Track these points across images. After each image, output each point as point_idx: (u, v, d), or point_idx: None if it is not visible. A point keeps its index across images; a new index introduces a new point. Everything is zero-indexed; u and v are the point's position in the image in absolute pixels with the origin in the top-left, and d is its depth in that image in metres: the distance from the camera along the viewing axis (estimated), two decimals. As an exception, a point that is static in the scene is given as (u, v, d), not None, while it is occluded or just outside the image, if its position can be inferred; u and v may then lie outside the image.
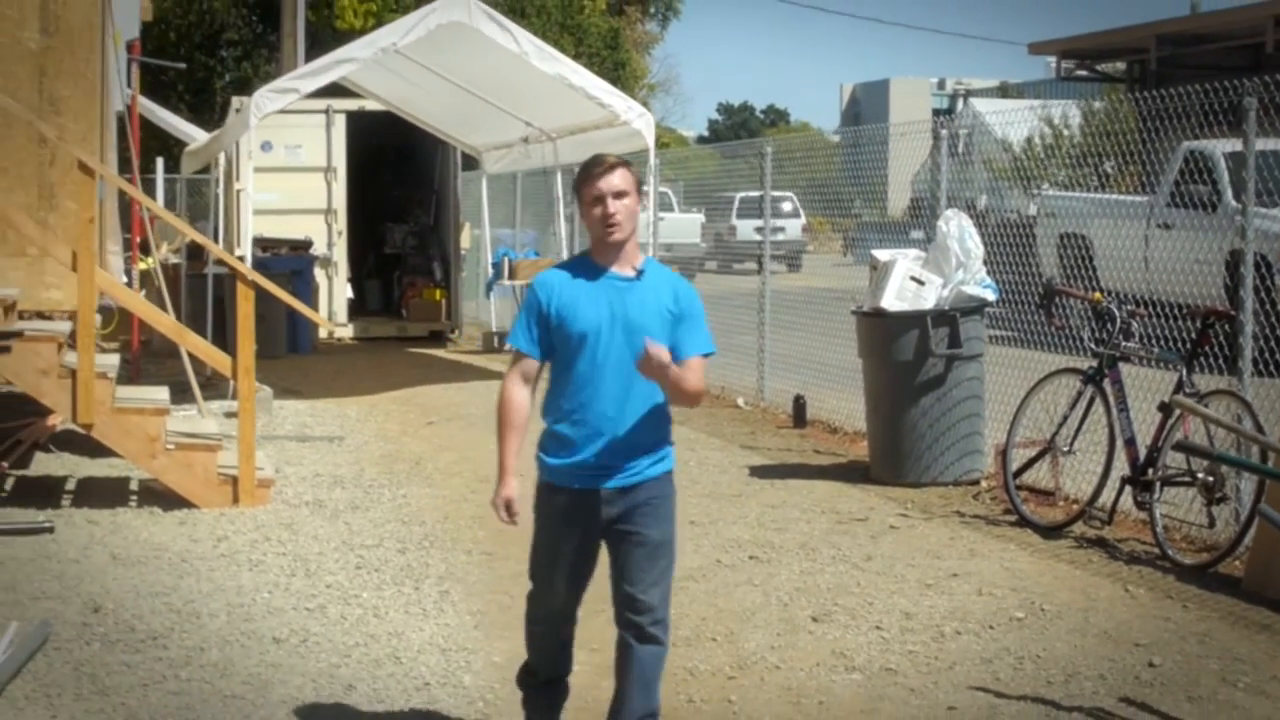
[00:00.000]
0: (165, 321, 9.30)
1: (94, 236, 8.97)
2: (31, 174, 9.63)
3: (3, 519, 8.57)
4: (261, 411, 11.16)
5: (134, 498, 9.41)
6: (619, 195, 4.79)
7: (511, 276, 18.39)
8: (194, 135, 21.99)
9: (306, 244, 18.84)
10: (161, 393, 9.67)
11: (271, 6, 27.85)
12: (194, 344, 9.40)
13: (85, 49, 9.66)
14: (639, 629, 4.85)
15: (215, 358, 9.43)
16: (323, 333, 19.18)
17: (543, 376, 4.97)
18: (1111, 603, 6.93)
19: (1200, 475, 7.55)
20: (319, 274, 19.24)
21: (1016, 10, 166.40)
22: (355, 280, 20.97)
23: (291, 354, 17.68)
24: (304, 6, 24.18)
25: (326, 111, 19.53)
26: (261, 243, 17.17)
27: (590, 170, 4.87)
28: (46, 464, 10.52)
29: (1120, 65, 25.28)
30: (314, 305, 17.64)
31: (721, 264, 28.11)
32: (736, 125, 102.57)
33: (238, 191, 19.11)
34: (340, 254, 20.07)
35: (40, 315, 9.52)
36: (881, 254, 10.27)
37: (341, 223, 20.00)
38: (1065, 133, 34.29)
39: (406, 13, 31.24)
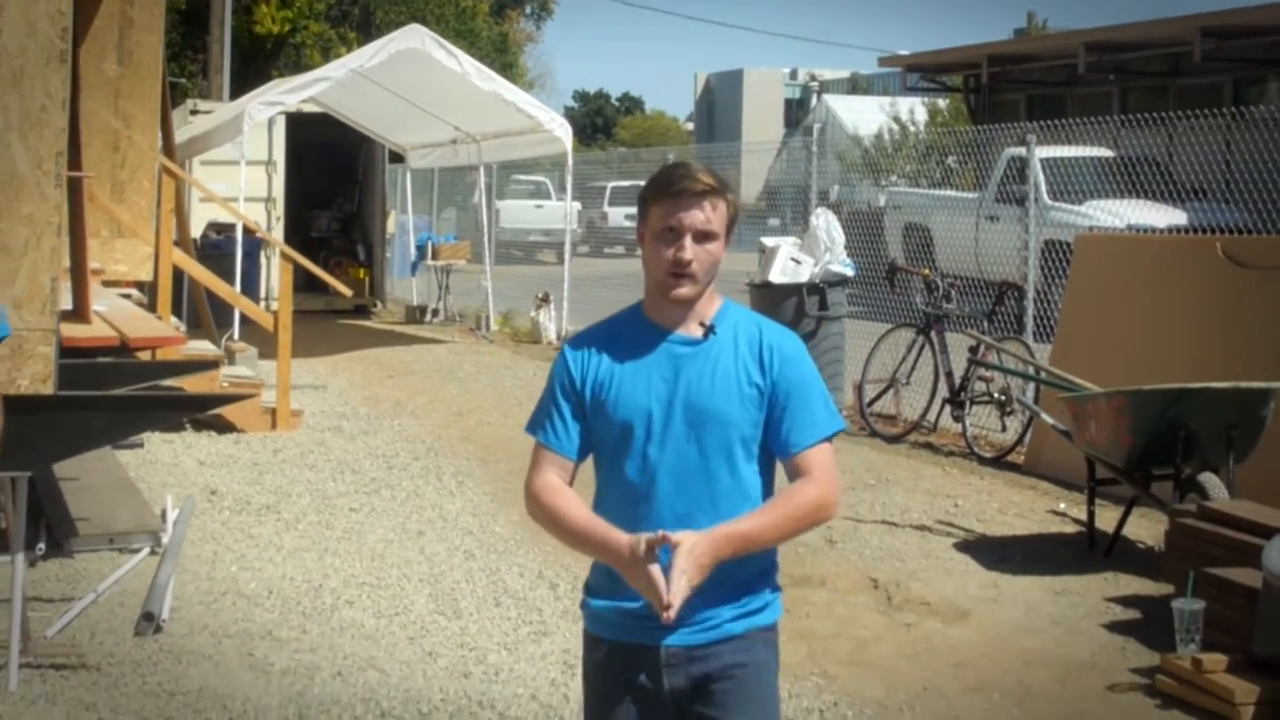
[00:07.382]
0: (223, 288, 11.91)
1: (171, 224, 11.57)
2: (106, 174, 11.82)
3: (99, 439, 11.13)
4: (249, 366, 13.38)
5: (188, 426, 11.66)
6: (702, 237, 3.23)
7: (434, 257, 20.97)
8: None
9: (254, 228, 21.12)
10: (210, 345, 12.30)
11: (197, 14, 29.65)
12: (246, 306, 12.06)
13: (151, 77, 11.85)
14: None
15: (260, 316, 12.11)
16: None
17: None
18: (933, 477, 10.02)
19: (996, 396, 10.56)
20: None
21: (863, 13, 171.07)
22: (282, 260, 23.00)
23: (243, 325, 19.93)
24: (230, 15, 26.44)
25: (269, 112, 21.59)
26: (215, 226, 19.55)
27: (670, 185, 3.24)
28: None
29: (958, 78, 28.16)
30: (259, 282, 19.89)
31: (593, 248, 30.74)
32: (592, 112, 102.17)
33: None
34: (278, 237, 22.25)
35: (110, 284, 11.98)
36: (768, 240, 13.00)
37: (280, 210, 21.96)
38: (912, 129, 37.32)
39: (320, 20, 33.76)
